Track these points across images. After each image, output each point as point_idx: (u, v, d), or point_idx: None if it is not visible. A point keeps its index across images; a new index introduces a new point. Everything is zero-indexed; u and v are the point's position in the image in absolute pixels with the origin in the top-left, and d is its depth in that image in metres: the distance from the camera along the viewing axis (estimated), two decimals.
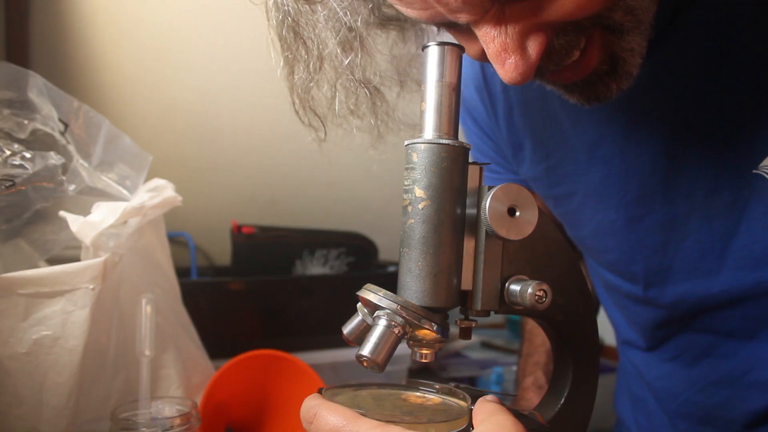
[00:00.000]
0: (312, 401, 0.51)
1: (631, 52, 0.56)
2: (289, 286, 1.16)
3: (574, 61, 0.55)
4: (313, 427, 0.50)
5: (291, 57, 0.63)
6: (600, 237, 0.81)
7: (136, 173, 0.82)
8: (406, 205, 0.52)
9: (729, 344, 0.77)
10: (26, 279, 0.70)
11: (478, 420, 0.51)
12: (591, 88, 0.59)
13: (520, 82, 0.51)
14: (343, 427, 0.48)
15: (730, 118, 0.65)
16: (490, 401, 0.55)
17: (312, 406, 0.51)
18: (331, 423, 0.48)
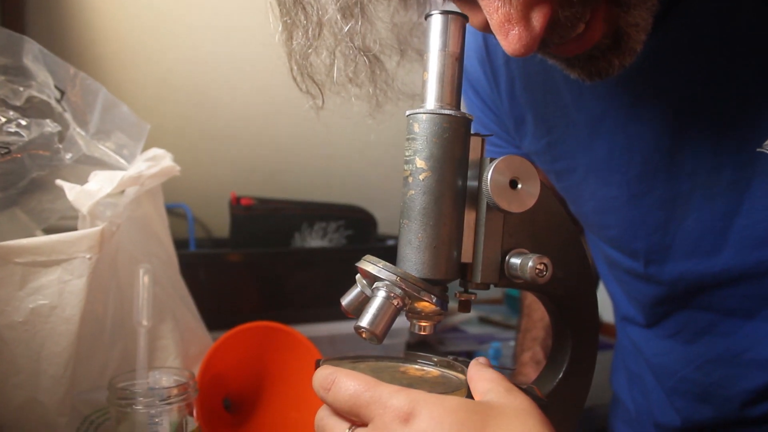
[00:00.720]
0: (327, 369, 0.51)
1: (636, 27, 0.55)
2: (287, 258, 1.16)
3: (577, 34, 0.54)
4: (330, 395, 0.49)
5: (290, 22, 0.62)
6: (601, 213, 0.80)
7: (134, 142, 0.81)
8: (407, 176, 0.52)
9: (729, 322, 0.77)
10: (23, 248, 0.70)
11: (480, 389, 0.51)
12: (593, 63, 0.58)
13: (523, 54, 0.50)
14: (363, 393, 0.47)
15: (734, 97, 0.65)
16: (484, 364, 0.55)
17: (328, 374, 0.50)
18: (351, 389, 0.48)
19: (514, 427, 0.45)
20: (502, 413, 0.47)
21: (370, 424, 0.47)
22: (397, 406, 0.46)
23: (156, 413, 0.69)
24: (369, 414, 0.47)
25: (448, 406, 0.46)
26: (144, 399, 0.69)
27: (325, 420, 0.52)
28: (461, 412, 0.45)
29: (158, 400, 0.69)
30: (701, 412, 0.82)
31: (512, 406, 0.48)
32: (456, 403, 0.46)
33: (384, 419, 0.46)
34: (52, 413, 0.73)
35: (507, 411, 0.47)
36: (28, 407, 0.72)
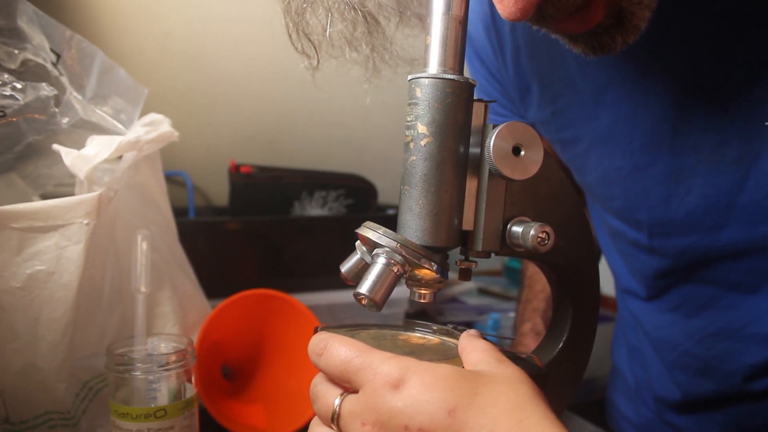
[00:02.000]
0: (321, 335, 0.51)
1: (639, 5, 0.53)
2: (287, 227, 1.15)
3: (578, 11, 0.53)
4: (322, 360, 0.49)
5: None
6: (606, 184, 0.80)
7: (132, 107, 0.80)
8: (408, 142, 0.51)
9: (731, 297, 0.76)
10: (19, 212, 0.69)
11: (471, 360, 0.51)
12: (595, 39, 0.56)
13: (518, 18, 0.49)
14: (354, 359, 0.47)
15: (742, 70, 0.64)
16: (475, 335, 0.55)
17: (321, 339, 0.50)
18: (342, 355, 0.48)
19: (506, 395, 0.45)
20: (493, 381, 0.46)
21: (360, 390, 0.47)
22: (387, 373, 0.46)
23: (154, 379, 0.69)
24: (359, 380, 0.47)
25: (438, 374, 0.45)
26: (142, 365, 0.69)
27: (318, 386, 0.52)
28: (451, 380, 0.45)
29: (156, 366, 0.69)
30: (702, 386, 0.82)
31: (504, 375, 0.47)
32: (447, 371, 0.46)
33: (374, 385, 0.46)
34: (51, 379, 0.73)
35: (498, 379, 0.47)
36: (27, 373, 0.72)
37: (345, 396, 0.48)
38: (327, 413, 0.49)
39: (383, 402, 0.45)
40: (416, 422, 0.44)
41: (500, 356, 0.50)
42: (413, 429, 0.44)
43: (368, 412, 0.46)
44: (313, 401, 0.52)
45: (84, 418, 0.77)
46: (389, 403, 0.45)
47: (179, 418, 0.69)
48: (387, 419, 0.45)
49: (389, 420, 0.44)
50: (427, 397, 0.44)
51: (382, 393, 0.45)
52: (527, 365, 0.59)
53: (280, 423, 0.88)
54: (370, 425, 0.45)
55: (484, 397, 0.45)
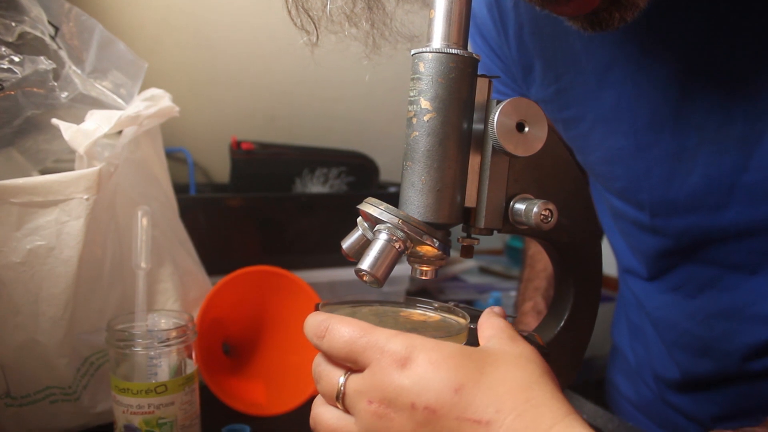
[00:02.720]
0: (319, 316, 0.50)
1: None
2: (288, 203, 1.15)
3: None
4: (325, 342, 0.48)
5: None
6: (608, 163, 0.79)
7: (131, 81, 0.79)
8: (411, 117, 0.50)
9: (732, 277, 0.76)
10: (18, 187, 0.69)
11: (485, 335, 0.51)
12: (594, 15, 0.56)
13: None
14: (359, 338, 0.47)
15: (747, 48, 0.63)
16: (498, 314, 0.54)
17: (321, 320, 0.49)
18: (346, 335, 0.47)
19: (513, 374, 0.45)
20: (501, 359, 0.46)
21: (366, 369, 0.46)
22: (393, 351, 0.45)
23: (155, 355, 0.69)
24: (365, 360, 0.46)
25: (445, 352, 0.45)
26: (143, 341, 0.69)
27: (321, 367, 0.51)
28: (458, 358, 0.45)
29: (157, 342, 0.69)
30: (701, 365, 0.83)
31: (513, 353, 0.47)
32: (453, 349, 0.46)
33: (381, 364, 0.45)
34: (52, 354, 0.73)
35: (506, 357, 0.47)
36: (28, 348, 0.72)
37: (349, 375, 0.48)
38: (331, 392, 0.49)
39: (390, 380, 0.45)
40: (423, 400, 0.43)
41: (513, 334, 0.50)
42: (419, 407, 0.44)
43: (374, 390, 0.45)
44: (316, 381, 0.52)
45: (85, 393, 0.78)
46: (396, 381, 0.44)
47: (180, 394, 0.69)
48: (394, 397, 0.44)
49: (396, 398, 0.44)
50: (434, 375, 0.44)
51: (388, 371, 0.45)
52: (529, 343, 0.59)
53: (280, 399, 0.88)
54: (377, 403, 0.45)
55: (491, 376, 0.45)
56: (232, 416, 0.83)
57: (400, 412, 0.44)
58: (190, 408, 0.71)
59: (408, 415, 0.44)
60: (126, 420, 0.68)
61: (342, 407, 0.48)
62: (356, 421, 0.47)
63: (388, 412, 0.45)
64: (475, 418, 0.43)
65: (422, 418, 0.44)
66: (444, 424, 0.43)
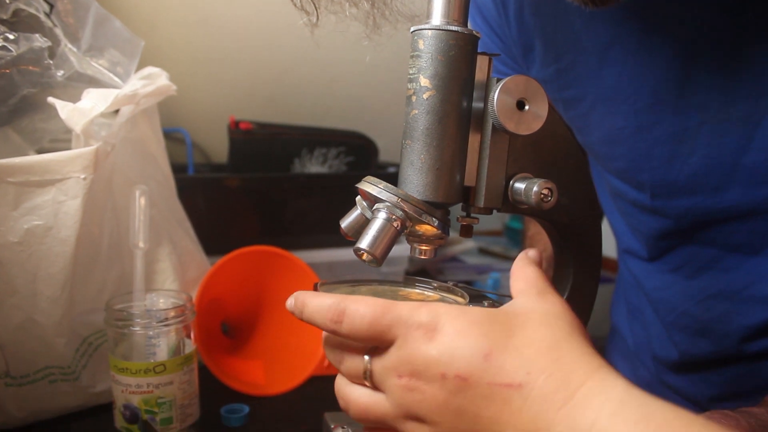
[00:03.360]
0: (327, 299, 0.47)
1: None
2: (286, 184, 1.14)
3: None
4: (346, 326, 0.46)
5: None
6: (608, 144, 0.79)
7: (128, 59, 0.79)
8: (410, 95, 0.50)
9: (732, 258, 0.76)
10: (15, 166, 0.68)
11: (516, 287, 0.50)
12: None
13: None
14: (383, 315, 0.45)
15: (751, 27, 0.62)
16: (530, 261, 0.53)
17: (334, 304, 0.47)
18: (369, 315, 0.46)
19: (540, 333, 0.44)
20: (529, 319, 0.46)
21: (392, 346, 0.46)
22: (420, 322, 0.45)
23: (153, 335, 0.69)
24: (391, 336, 0.45)
25: (471, 318, 0.45)
26: (141, 320, 0.69)
27: (338, 348, 0.50)
28: (485, 323, 0.44)
29: (155, 321, 0.69)
30: (699, 346, 0.83)
31: (540, 310, 0.47)
32: (478, 314, 0.45)
33: (407, 338, 0.45)
34: (51, 334, 0.73)
35: (533, 316, 0.46)
36: (26, 327, 0.72)
37: (374, 352, 0.47)
38: (357, 372, 0.48)
39: (418, 352, 0.44)
40: (453, 369, 0.43)
41: (544, 287, 0.49)
42: (450, 376, 0.43)
43: (403, 364, 0.45)
44: (336, 363, 0.50)
45: (84, 372, 0.78)
46: (424, 352, 0.44)
47: (178, 374, 0.69)
48: (423, 369, 0.44)
49: (425, 369, 0.44)
50: (462, 343, 0.43)
51: (415, 344, 0.44)
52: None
53: (279, 379, 0.88)
54: (407, 377, 0.45)
55: (519, 338, 0.44)
56: (230, 396, 0.83)
57: (431, 383, 0.44)
58: (189, 387, 0.71)
59: (439, 385, 0.44)
60: (125, 399, 0.68)
61: (371, 385, 0.48)
62: (387, 396, 0.47)
63: (419, 385, 0.44)
64: (506, 383, 0.43)
65: (454, 386, 0.43)
66: (476, 391, 0.43)
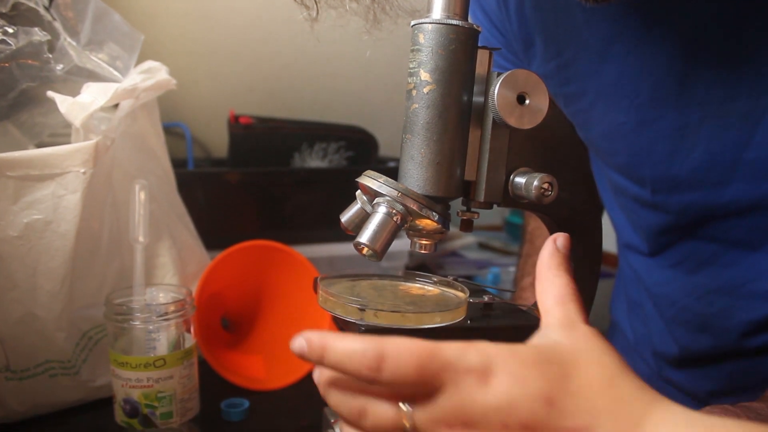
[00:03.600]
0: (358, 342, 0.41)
1: None
2: (286, 178, 1.14)
3: None
4: (387, 375, 0.40)
5: None
6: (609, 139, 0.79)
7: (128, 54, 0.78)
8: (410, 89, 0.50)
9: (733, 253, 0.76)
10: (14, 161, 0.68)
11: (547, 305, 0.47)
12: None
13: None
14: (429, 361, 0.40)
15: (753, 23, 0.62)
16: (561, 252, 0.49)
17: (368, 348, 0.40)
18: (414, 361, 0.40)
19: (595, 371, 0.42)
20: (579, 358, 0.43)
21: (438, 393, 0.41)
22: (470, 366, 0.40)
23: (153, 329, 0.69)
24: (438, 383, 0.40)
25: (524, 359, 0.41)
26: (141, 315, 0.69)
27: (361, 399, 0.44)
28: (540, 365, 0.41)
29: (155, 316, 0.69)
30: (700, 341, 0.83)
31: (586, 348, 0.44)
32: (530, 355, 0.42)
33: (459, 385, 0.40)
34: (51, 328, 0.73)
35: (582, 355, 0.43)
36: (27, 322, 0.72)
37: (413, 400, 0.42)
38: (393, 425, 0.42)
39: (472, 400, 0.40)
40: (516, 418, 0.40)
41: (571, 315, 0.46)
42: (514, 425, 0.40)
43: (455, 414, 0.40)
44: (355, 416, 0.44)
45: (84, 366, 0.78)
46: (479, 400, 0.40)
47: (178, 368, 0.69)
48: (480, 418, 0.40)
49: (483, 419, 0.40)
50: (522, 389, 0.40)
51: (468, 390, 0.40)
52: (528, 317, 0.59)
53: (279, 374, 0.88)
54: (460, 427, 0.41)
55: (576, 379, 0.42)
56: (231, 390, 0.83)
57: None
58: (189, 382, 0.71)
59: None
60: (125, 393, 0.68)
61: None
62: None
63: None
64: (572, 426, 0.40)
65: None
66: None
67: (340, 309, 0.51)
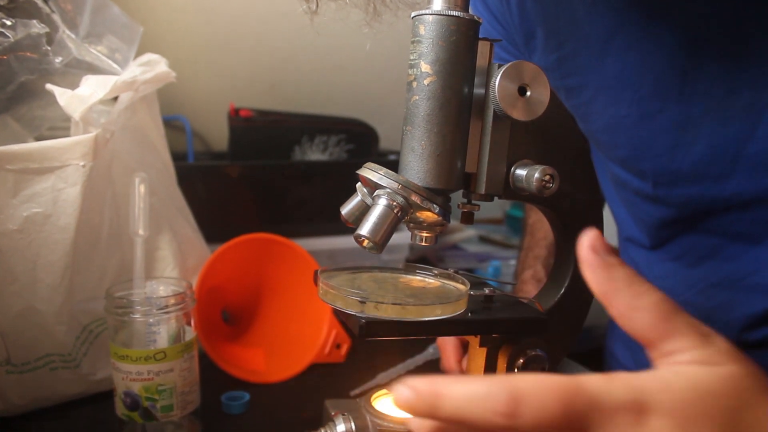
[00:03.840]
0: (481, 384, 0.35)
1: None
2: (287, 171, 1.14)
3: None
4: (526, 419, 0.34)
5: None
6: (610, 132, 0.78)
7: (127, 46, 0.78)
8: (411, 81, 0.50)
9: (734, 247, 0.76)
10: (13, 154, 0.68)
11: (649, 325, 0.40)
12: None
13: None
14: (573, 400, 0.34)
15: (756, 15, 0.62)
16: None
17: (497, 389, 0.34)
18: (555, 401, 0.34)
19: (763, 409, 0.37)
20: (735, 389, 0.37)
21: None
22: (620, 403, 0.35)
23: (153, 322, 0.69)
24: (584, 425, 0.35)
25: (679, 396, 0.36)
26: (141, 308, 0.68)
27: None
28: (701, 402, 0.36)
29: (156, 309, 0.69)
30: None
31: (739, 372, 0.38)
32: (683, 387, 0.37)
33: (611, 426, 0.35)
34: (51, 322, 0.73)
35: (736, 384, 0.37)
36: (27, 315, 0.72)
37: None
38: None
39: None
40: None
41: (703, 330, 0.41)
42: None
43: None
44: None
45: (85, 360, 0.78)
46: None
47: (179, 361, 0.69)
48: None
49: None
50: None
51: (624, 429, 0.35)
52: (528, 309, 0.59)
53: (279, 367, 0.88)
54: None
55: (743, 417, 0.37)
56: (231, 383, 0.83)
57: None
58: (190, 375, 0.71)
59: None
60: (125, 387, 0.68)
61: None
62: None
63: None
64: None
65: None
66: None
67: (341, 301, 0.51)
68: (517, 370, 0.58)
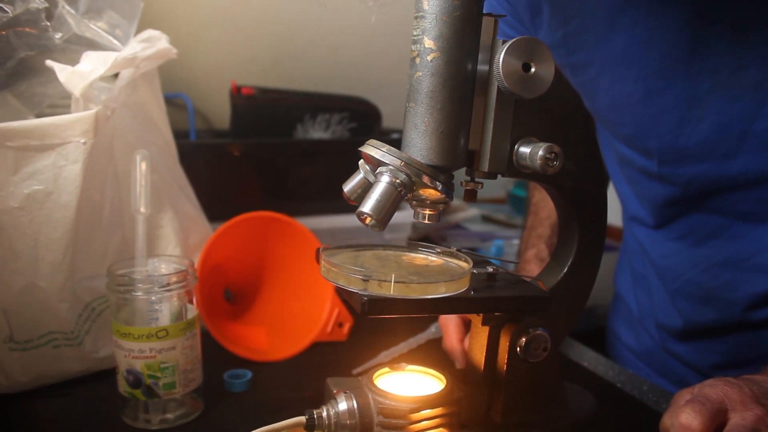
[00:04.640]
0: None
1: None
2: (289, 150, 1.14)
3: None
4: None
5: None
6: (616, 110, 0.78)
7: (127, 22, 0.77)
8: (414, 57, 0.49)
9: (739, 226, 0.76)
10: (14, 131, 0.68)
11: None
12: None
13: None
14: None
15: None
16: None
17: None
18: None
19: None
20: None
21: None
22: None
23: (155, 300, 0.69)
24: None
25: None
26: (143, 285, 0.68)
27: None
28: None
29: (157, 287, 0.69)
30: (703, 314, 0.83)
31: None
32: None
33: None
34: (53, 299, 0.73)
35: None
36: (29, 293, 0.72)
37: None
38: None
39: None
40: None
41: None
42: None
43: None
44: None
45: (87, 338, 0.78)
46: None
47: (181, 339, 0.69)
48: None
49: None
50: None
51: None
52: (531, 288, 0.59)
53: (281, 345, 0.88)
54: None
55: None
56: (233, 362, 0.83)
57: None
58: (192, 353, 0.71)
59: None
60: (128, 364, 0.68)
61: None
62: None
63: None
64: None
65: None
66: None
67: (343, 279, 0.51)
68: (519, 350, 0.58)
